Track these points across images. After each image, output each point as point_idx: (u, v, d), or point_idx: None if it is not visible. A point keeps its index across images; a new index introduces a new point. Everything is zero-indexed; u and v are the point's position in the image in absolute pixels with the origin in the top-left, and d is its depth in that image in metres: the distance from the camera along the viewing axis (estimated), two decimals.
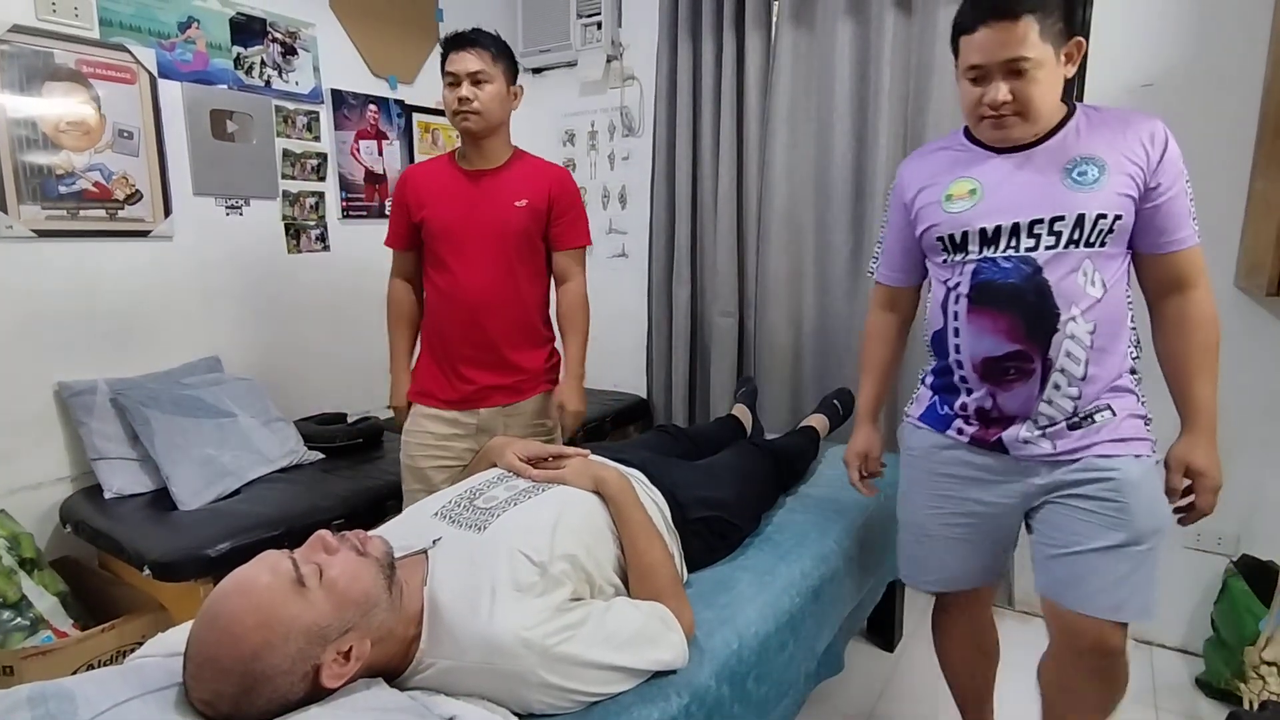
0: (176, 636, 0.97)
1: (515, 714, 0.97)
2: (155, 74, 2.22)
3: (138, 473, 2.06)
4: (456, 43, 1.71)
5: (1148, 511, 1.19)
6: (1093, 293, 1.15)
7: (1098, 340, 1.16)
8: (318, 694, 0.88)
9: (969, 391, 1.28)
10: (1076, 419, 1.20)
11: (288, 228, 2.63)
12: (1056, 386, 1.18)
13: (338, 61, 2.74)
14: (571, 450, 1.40)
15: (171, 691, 0.87)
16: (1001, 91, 1.12)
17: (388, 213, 2.83)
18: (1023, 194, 1.17)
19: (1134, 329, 1.24)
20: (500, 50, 1.73)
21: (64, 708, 0.80)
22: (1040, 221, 1.15)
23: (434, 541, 1.10)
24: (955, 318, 1.25)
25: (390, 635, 0.96)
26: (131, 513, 1.95)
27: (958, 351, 1.26)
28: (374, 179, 2.89)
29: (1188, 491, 1.25)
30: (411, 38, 2.99)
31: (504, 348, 1.78)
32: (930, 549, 1.41)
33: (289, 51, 2.57)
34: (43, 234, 2.02)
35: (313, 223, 2.70)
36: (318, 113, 2.68)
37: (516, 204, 1.75)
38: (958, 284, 1.24)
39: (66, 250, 2.07)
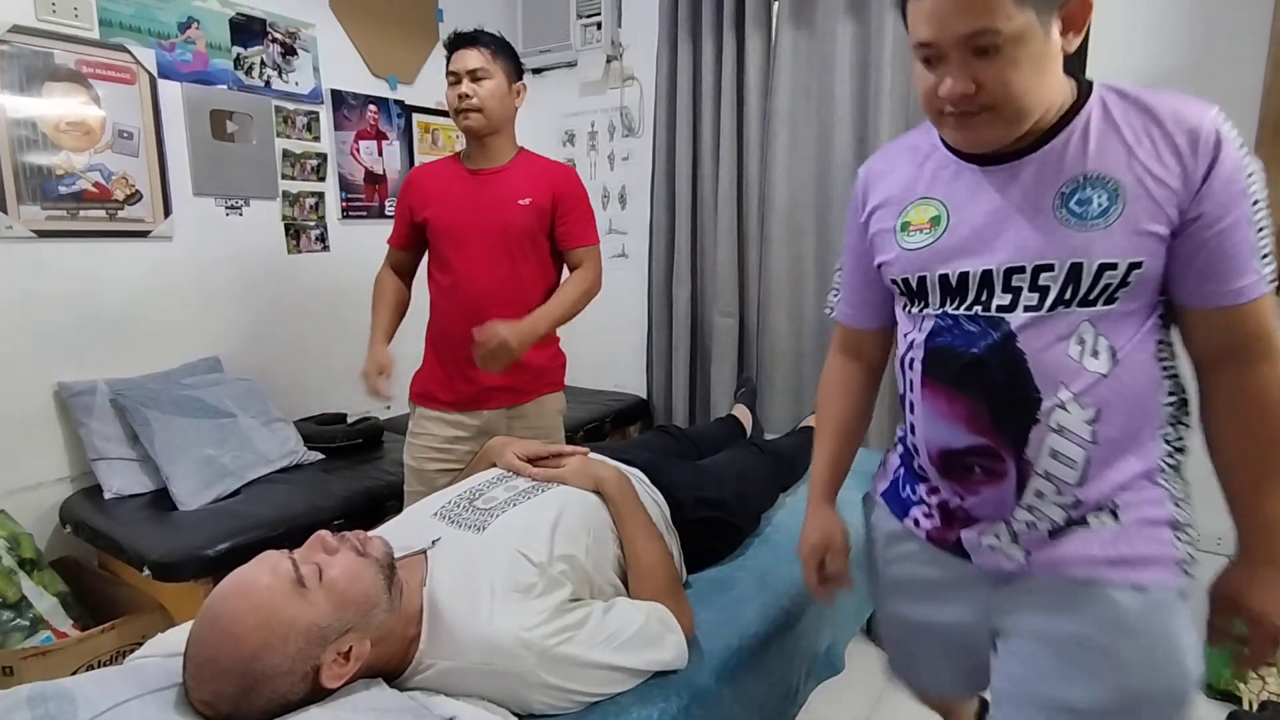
0: (176, 637, 0.97)
1: (515, 714, 0.98)
2: (155, 74, 2.22)
3: (138, 473, 2.06)
4: (457, 42, 1.72)
5: (1153, 667, 0.83)
6: (1094, 367, 0.80)
7: (1105, 431, 0.81)
8: (317, 694, 0.88)
9: (932, 484, 0.98)
10: (1063, 526, 0.87)
11: (288, 228, 2.63)
12: (1040, 494, 0.85)
13: (338, 62, 2.73)
14: (571, 449, 1.40)
15: (171, 692, 0.87)
16: (961, 80, 0.78)
17: (388, 213, 2.85)
18: (998, 229, 0.83)
19: (1176, 399, 0.87)
20: (500, 48, 1.73)
21: (64, 708, 0.80)
22: (1019, 270, 0.82)
23: (433, 542, 1.10)
24: (911, 387, 0.94)
25: (390, 635, 0.96)
26: (131, 513, 1.95)
27: (914, 433, 0.96)
28: (374, 179, 2.89)
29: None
30: (411, 38, 2.99)
31: None
32: (893, 650, 1.18)
33: (289, 52, 2.57)
34: (43, 234, 2.02)
35: (313, 223, 2.70)
36: (318, 113, 2.68)
37: (520, 202, 1.75)
38: (913, 342, 0.93)
39: (66, 250, 2.07)
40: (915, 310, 0.93)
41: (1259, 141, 1.82)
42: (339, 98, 2.74)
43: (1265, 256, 0.80)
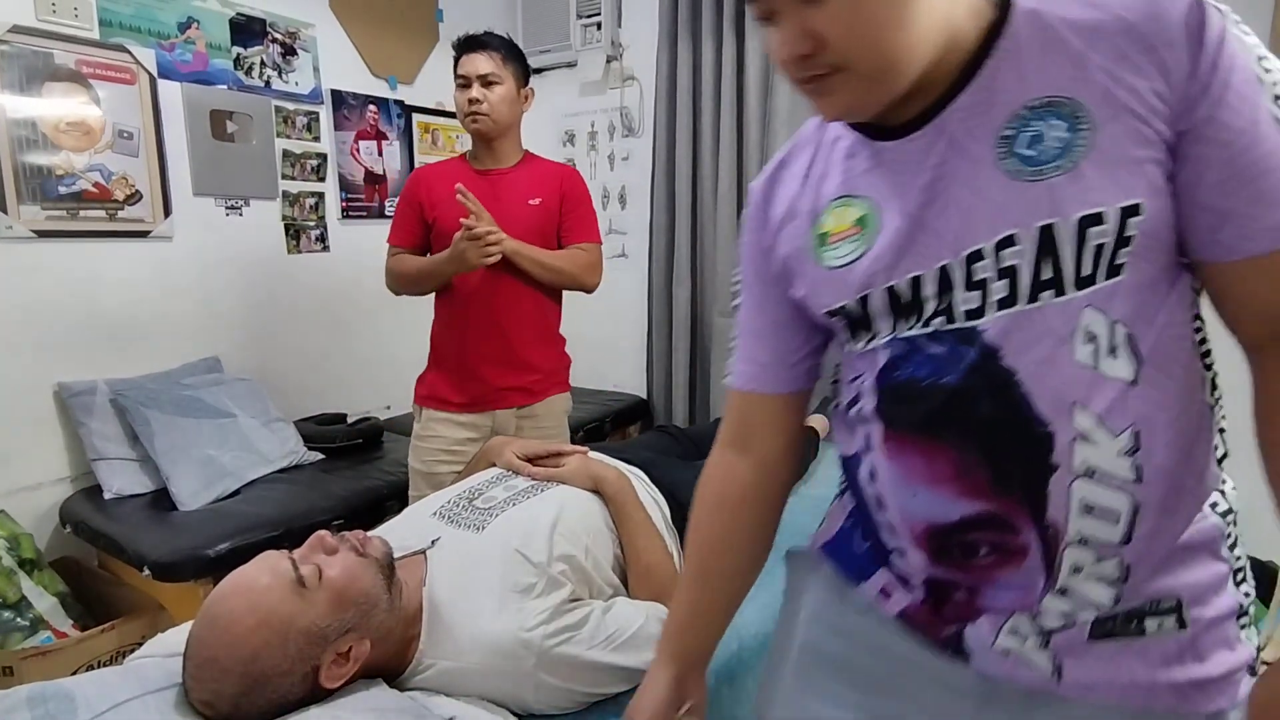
0: (176, 637, 0.97)
1: (515, 714, 0.98)
2: (155, 74, 2.22)
3: (138, 473, 2.07)
4: (468, 45, 1.72)
5: None
6: (1116, 372, 0.56)
7: (1152, 461, 0.57)
8: (317, 694, 0.88)
9: (909, 576, 0.70)
10: (1111, 620, 0.62)
11: (288, 228, 2.63)
12: (1077, 569, 0.60)
13: (337, 62, 2.74)
14: (570, 448, 1.40)
15: (171, 692, 0.87)
16: (793, 38, 0.58)
17: (388, 213, 2.85)
18: (940, 208, 0.60)
19: (1218, 398, 0.64)
20: (511, 52, 1.73)
21: (63, 708, 0.80)
22: (977, 256, 0.59)
23: (433, 542, 1.11)
24: (869, 445, 0.68)
25: (389, 636, 0.96)
26: (131, 513, 1.95)
27: (881, 507, 0.69)
28: (374, 179, 2.89)
29: None
30: (411, 38, 2.99)
31: (520, 345, 1.78)
32: None
33: (289, 52, 2.58)
34: (43, 234, 2.02)
35: (313, 223, 2.70)
36: (317, 113, 2.68)
37: (531, 202, 1.76)
38: (864, 386, 0.68)
39: (66, 250, 2.07)
40: (861, 345, 0.67)
41: None
42: (339, 98, 2.74)
43: None
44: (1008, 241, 0.57)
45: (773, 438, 0.79)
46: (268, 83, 2.52)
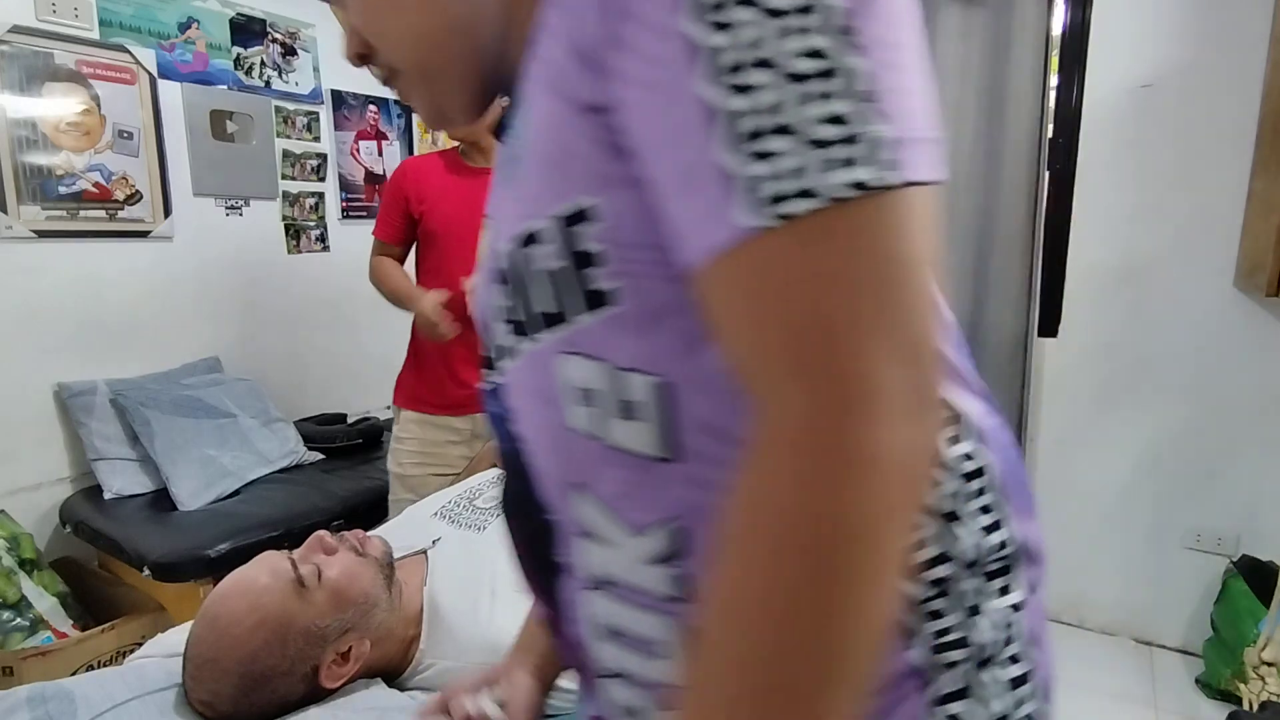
0: (176, 637, 0.98)
1: None
2: (155, 74, 2.22)
3: (138, 473, 2.07)
4: None
5: None
6: (630, 442, 0.39)
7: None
8: (317, 694, 0.88)
9: None
10: None
11: (288, 228, 2.63)
12: (633, 712, 0.45)
13: (338, 62, 2.73)
14: None
15: (171, 693, 0.88)
16: (346, 41, 0.50)
17: None
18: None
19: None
20: None
21: (63, 708, 0.80)
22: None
23: (434, 541, 1.10)
24: None
25: (390, 635, 0.96)
26: (131, 513, 1.95)
27: None
28: (374, 179, 2.89)
29: None
30: None
31: None
32: None
33: (289, 52, 2.58)
34: (43, 234, 2.02)
35: (313, 223, 2.70)
36: (317, 113, 2.68)
37: None
38: None
39: (66, 250, 2.07)
40: None
41: (1259, 141, 1.82)
42: (339, 98, 2.74)
43: (752, 137, 0.31)
44: (500, 276, 0.43)
45: None
46: (268, 83, 2.52)
